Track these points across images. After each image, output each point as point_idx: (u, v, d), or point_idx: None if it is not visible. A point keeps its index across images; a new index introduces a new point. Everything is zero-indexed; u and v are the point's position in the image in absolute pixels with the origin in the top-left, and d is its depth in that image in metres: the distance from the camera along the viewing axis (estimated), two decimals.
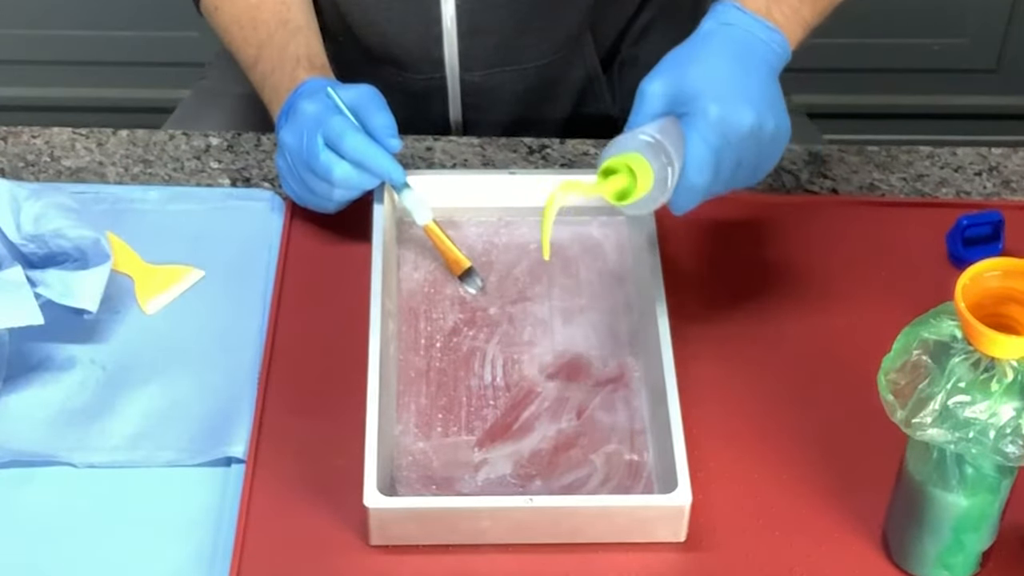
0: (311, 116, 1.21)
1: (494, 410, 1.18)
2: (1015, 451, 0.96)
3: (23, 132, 1.40)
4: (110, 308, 1.24)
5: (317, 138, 1.20)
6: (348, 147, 1.20)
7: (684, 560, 1.10)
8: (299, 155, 1.22)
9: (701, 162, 1.08)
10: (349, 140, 1.19)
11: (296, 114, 1.22)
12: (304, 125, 1.21)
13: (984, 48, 2.45)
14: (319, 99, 1.21)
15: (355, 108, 1.21)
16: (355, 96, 1.22)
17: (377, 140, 1.21)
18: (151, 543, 1.10)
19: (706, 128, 1.08)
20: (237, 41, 1.34)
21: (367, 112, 1.21)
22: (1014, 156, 1.40)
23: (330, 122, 1.20)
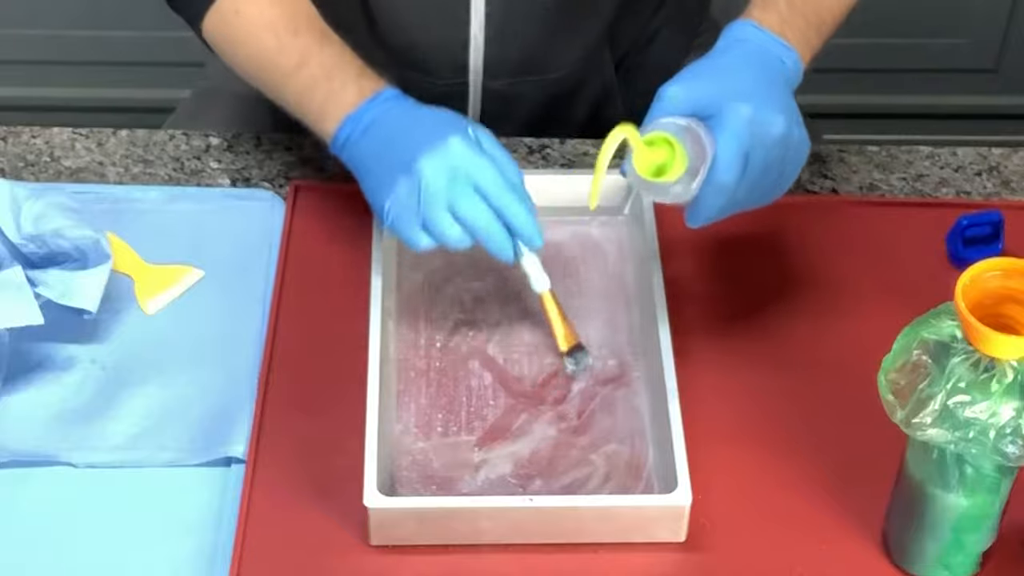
0: (464, 156, 1.12)
1: (494, 410, 1.18)
2: (1015, 451, 0.96)
3: (23, 132, 1.40)
4: (110, 308, 1.24)
5: (469, 181, 1.12)
6: (500, 200, 1.12)
7: (684, 560, 1.10)
8: (439, 193, 1.11)
9: (731, 158, 1.07)
10: (502, 192, 1.12)
11: (445, 151, 1.12)
12: (455, 163, 1.12)
13: (984, 48, 2.45)
14: (465, 136, 1.13)
15: (492, 155, 1.15)
16: (490, 139, 1.16)
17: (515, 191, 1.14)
18: (151, 543, 1.10)
19: (738, 125, 1.08)
20: (269, 49, 1.25)
21: (503, 163, 1.15)
22: (1014, 156, 1.40)
23: (485, 168, 1.12)
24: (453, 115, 1.17)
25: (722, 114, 1.08)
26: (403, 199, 1.12)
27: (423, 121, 1.16)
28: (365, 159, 1.17)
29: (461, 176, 1.12)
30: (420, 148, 1.12)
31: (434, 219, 1.12)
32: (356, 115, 1.18)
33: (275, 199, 1.34)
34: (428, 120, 1.16)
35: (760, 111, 1.09)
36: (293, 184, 1.35)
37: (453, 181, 1.11)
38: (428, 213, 1.12)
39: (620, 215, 1.31)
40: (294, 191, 1.34)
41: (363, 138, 1.17)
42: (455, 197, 1.11)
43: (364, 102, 1.18)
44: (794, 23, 1.17)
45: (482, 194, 1.12)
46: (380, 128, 1.17)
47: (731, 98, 1.09)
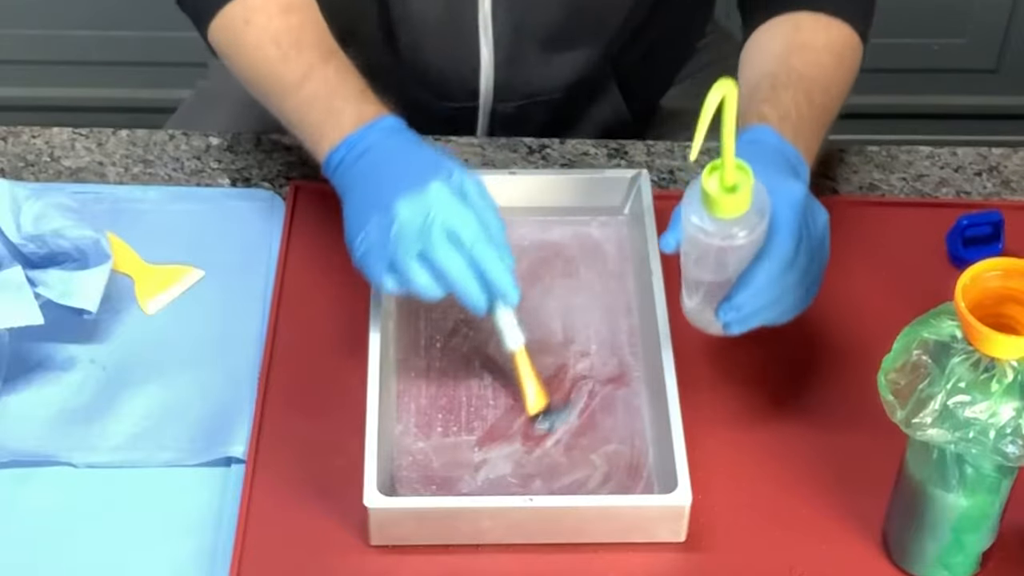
0: (442, 201, 1.09)
1: (494, 410, 1.18)
2: (1015, 451, 0.96)
3: (23, 132, 1.40)
4: (110, 308, 1.24)
5: (443, 228, 1.09)
6: (476, 250, 1.10)
7: (684, 560, 1.10)
8: (410, 235, 1.09)
9: (790, 227, 1.07)
10: (479, 242, 1.09)
11: (423, 195, 1.09)
12: (431, 208, 1.09)
13: (984, 48, 2.45)
14: (448, 183, 1.10)
15: (475, 205, 1.11)
16: (477, 188, 1.12)
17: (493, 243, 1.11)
18: (151, 543, 1.10)
19: (794, 197, 1.08)
20: (272, 58, 1.24)
21: (484, 213, 1.11)
22: (1014, 156, 1.40)
23: (463, 216, 1.09)
24: (442, 159, 1.14)
25: (776, 189, 1.07)
26: (374, 237, 1.10)
27: (411, 161, 1.14)
28: (351, 188, 1.15)
29: (437, 222, 1.09)
30: (399, 189, 1.10)
31: (401, 262, 1.09)
32: (351, 140, 1.16)
33: (275, 199, 1.34)
34: (416, 160, 1.14)
35: (809, 197, 1.10)
36: (293, 184, 1.35)
37: (427, 226, 1.09)
38: (396, 255, 1.09)
39: (620, 215, 1.31)
40: (294, 191, 1.34)
41: (354, 166, 1.15)
42: (427, 243, 1.09)
43: (361, 128, 1.16)
44: (804, 131, 1.18)
45: (457, 243, 1.09)
46: (370, 160, 1.15)
47: (784, 178, 1.09)
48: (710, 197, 1.04)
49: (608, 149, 1.40)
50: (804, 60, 1.24)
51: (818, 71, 1.23)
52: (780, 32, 1.27)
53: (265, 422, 1.17)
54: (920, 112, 2.49)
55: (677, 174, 1.38)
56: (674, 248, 1.09)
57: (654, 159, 1.39)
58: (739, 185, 1.04)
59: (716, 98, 0.99)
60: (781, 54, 1.25)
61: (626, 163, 1.39)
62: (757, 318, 1.10)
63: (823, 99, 1.22)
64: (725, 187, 1.04)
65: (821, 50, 1.25)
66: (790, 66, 1.23)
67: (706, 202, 1.04)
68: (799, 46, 1.25)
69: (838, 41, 1.27)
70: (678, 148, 1.40)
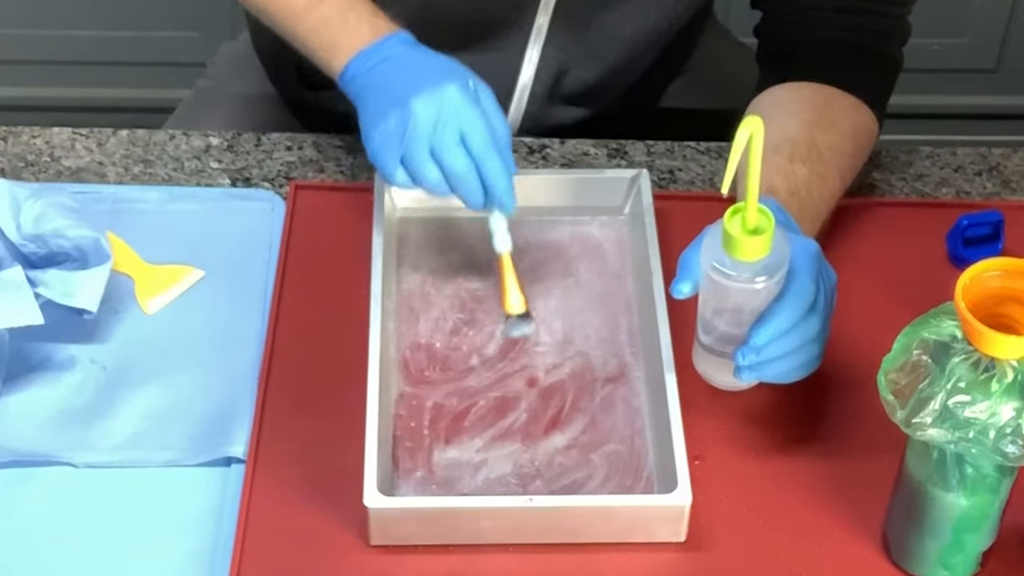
0: (456, 103, 1.14)
1: (495, 410, 1.18)
2: (1015, 451, 0.96)
3: (23, 132, 1.40)
4: (110, 308, 1.24)
5: (456, 128, 1.14)
6: (482, 152, 1.14)
7: (684, 560, 1.10)
8: (424, 133, 1.14)
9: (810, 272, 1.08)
10: (486, 145, 1.14)
11: (440, 95, 1.14)
12: (446, 108, 1.14)
13: (984, 48, 2.45)
14: (464, 87, 1.15)
15: (486, 111, 1.16)
16: (488, 96, 1.17)
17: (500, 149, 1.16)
18: (151, 543, 1.10)
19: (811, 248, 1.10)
20: None
21: (494, 120, 1.16)
22: (1014, 156, 1.40)
23: (475, 121, 1.14)
24: (458, 65, 1.18)
25: (792, 240, 1.08)
26: (390, 131, 1.15)
27: (427, 65, 1.18)
28: (367, 92, 1.18)
29: (450, 122, 1.13)
30: (416, 88, 1.14)
31: (413, 156, 1.14)
32: (368, 51, 1.19)
33: (275, 199, 1.34)
34: (432, 64, 1.18)
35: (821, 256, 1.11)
36: (293, 184, 1.35)
37: (441, 125, 1.13)
38: (409, 149, 1.14)
39: (620, 215, 1.31)
40: (294, 191, 1.34)
41: (370, 74, 1.19)
42: (438, 140, 1.13)
43: (377, 40, 1.20)
44: (809, 212, 1.19)
45: (466, 144, 1.14)
46: (386, 66, 1.18)
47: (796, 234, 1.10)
48: (732, 239, 1.04)
49: (608, 149, 1.40)
50: (828, 141, 1.24)
51: (839, 156, 1.24)
52: (810, 100, 1.28)
53: (265, 422, 1.17)
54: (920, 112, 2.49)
55: (677, 174, 1.38)
56: (687, 295, 1.10)
57: (654, 159, 1.39)
58: (761, 227, 1.04)
59: (744, 136, 1.00)
60: (807, 124, 1.24)
61: (626, 163, 1.39)
62: (773, 368, 1.09)
63: (834, 183, 1.23)
64: (747, 229, 1.04)
65: (847, 135, 1.26)
66: (812, 141, 1.23)
67: (728, 245, 1.05)
68: (828, 123, 1.25)
69: (862, 128, 1.29)
70: (678, 148, 1.40)
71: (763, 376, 1.09)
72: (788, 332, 1.08)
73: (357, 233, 1.27)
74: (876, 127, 1.31)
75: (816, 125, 1.24)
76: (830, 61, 1.30)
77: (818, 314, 1.09)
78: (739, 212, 1.05)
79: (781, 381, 1.11)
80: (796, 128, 1.24)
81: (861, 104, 1.29)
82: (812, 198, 1.19)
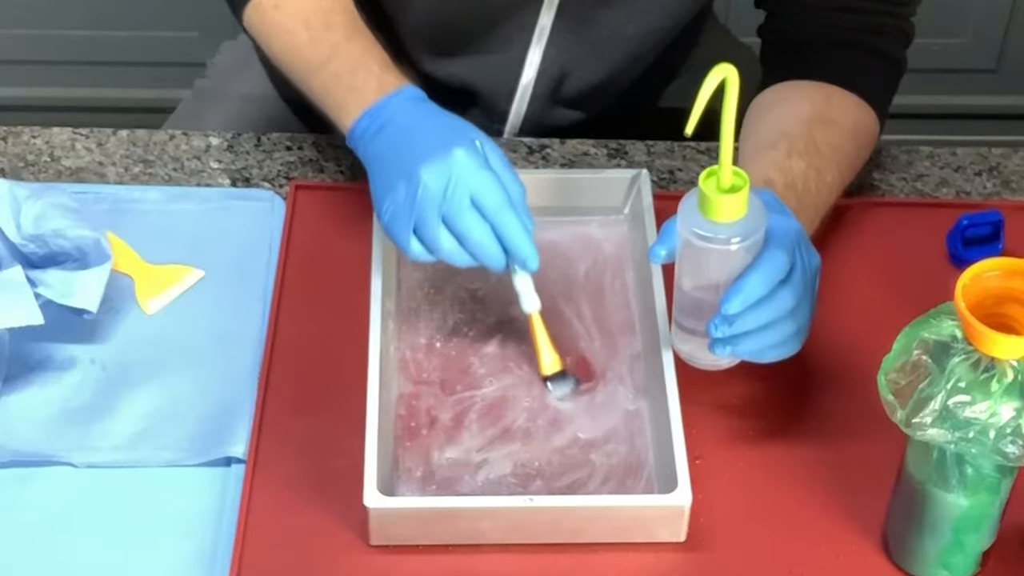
0: (465, 167, 1.11)
1: (494, 410, 1.18)
2: (1015, 451, 0.96)
3: (23, 132, 1.40)
4: (110, 308, 1.24)
5: (467, 193, 1.11)
6: (497, 215, 1.12)
7: (684, 560, 1.10)
8: (435, 200, 1.11)
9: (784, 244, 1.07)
10: (500, 207, 1.11)
11: (448, 161, 1.11)
12: (454, 173, 1.11)
13: (984, 48, 2.45)
14: (472, 149, 1.12)
15: (497, 171, 1.14)
16: (497, 155, 1.15)
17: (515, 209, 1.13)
18: (151, 543, 1.10)
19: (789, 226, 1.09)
20: (302, 40, 1.26)
21: (506, 180, 1.14)
22: (1014, 156, 1.40)
23: (486, 182, 1.11)
24: (465, 125, 1.16)
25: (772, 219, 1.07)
26: (400, 203, 1.12)
27: (434, 128, 1.16)
28: (376, 158, 1.17)
29: (460, 188, 1.11)
30: (424, 156, 1.12)
31: (426, 227, 1.12)
32: (374, 110, 1.18)
33: (275, 199, 1.34)
34: (439, 128, 1.16)
35: (803, 235, 1.11)
36: (293, 184, 1.35)
37: (451, 192, 1.11)
38: (420, 220, 1.12)
39: (620, 215, 1.31)
40: (294, 191, 1.34)
41: (377, 136, 1.17)
42: (450, 208, 1.11)
43: (383, 98, 1.19)
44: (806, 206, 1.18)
45: (480, 209, 1.11)
46: (393, 128, 1.17)
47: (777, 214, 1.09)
48: (707, 199, 1.04)
49: (608, 149, 1.40)
50: (827, 137, 1.23)
51: (838, 153, 1.24)
52: (811, 98, 1.27)
53: (265, 422, 1.17)
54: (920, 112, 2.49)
55: (677, 174, 1.38)
56: (663, 259, 1.09)
57: (654, 159, 1.39)
58: (736, 187, 1.04)
59: (715, 80, 1.00)
60: (807, 120, 1.24)
61: (626, 163, 1.39)
62: (748, 342, 1.08)
63: (833, 179, 1.22)
64: (722, 188, 1.04)
65: (847, 132, 1.25)
66: (811, 137, 1.22)
67: (703, 205, 1.04)
68: (828, 120, 1.25)
69: (862, 127, 1.28)
70: (678, 148, 1.40)
71: (738, 351, 1.09)
72: (760, 304, 1.06)
73: (357, 233, 1.27)
74: (877, 127, 1.31)
75: (816, 122, 1.24)
76: (833, 60, 1.30)
77: (793, 288, 1.07)
78: (714, 174, 1.04)
79: (759, 360, 1.10)
80: (795, 124, 1.24)
81: (863, 103, 1.29)
82: (810, 192, 1.19)
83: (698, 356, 1.14)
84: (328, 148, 1.39)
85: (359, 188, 1.33)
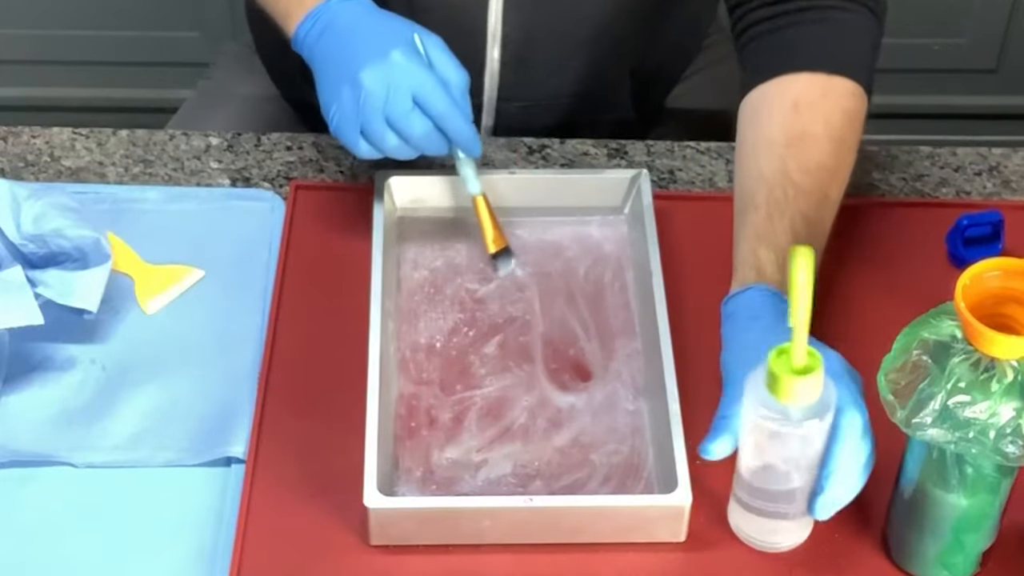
0: (403, 68, 1.16)
1: (494, 410, 1.18)
2: (1015, 451, 0.96)
3: (23, 132, 1.40)
4: (110, 308, 1.24)
5: (408, 93, 1.16)
6: (438, 110, 1.17)
7: (684, 560, 1.10)
8: (378, 104, 1.16)
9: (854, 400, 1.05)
10: (440, 103, 1.16)
11: (387, 63, 1.16)
12: (394, 76, 1.16)
13: (984, 48, 2.45)
14: (409, 49, 1.17)
15: (436, 62, 1.18)
16: (436, 47, 1.19)
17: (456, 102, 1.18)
18: (151, 543, 1.10)
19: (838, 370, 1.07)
20: None
21: (445, 68, 1.18)
22: (1014, 156, 1.40)
23: (425, 81, 1.16)
24: (402, 23, 1.20)
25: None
26: (346, 108, 1.17)
27: (372, 29, 1.20)
28: (319, 61, 1.21)
29: (401, 88, 1.15)
30: (364, 59, 1.17)
31: (371, 128, 1.16)
32: (315, 13, 1.22)
33: (275, 199, 1.34)
34: (377, 29, 1.20)
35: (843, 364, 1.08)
36: (293, 184, 1.35)
37: (392, 92, 1.15)
38: (365, 122, 1.16)
39: (620, 215, 1.31)
40: (294, 191, 1.34)
41: (319, 39, 1.21)
42: (392, 108, 1.16)
43: (322, 2, 1.22)
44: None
45: (422, 106, 1.16)
46: (333, 31, 1.21)
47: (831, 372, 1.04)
48: (779, 380, 0.98)
49: (608, 149, 1.40)
50: (802, 165, 1.20)
51: (817, 178, 1.20)
52: (778, 113, 1.23)
53: (265, 422, 1.17)
54: (920, 112, 2.49)
55: (677, 174, 1.38)
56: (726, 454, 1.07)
57: (654, 159, 1.39)
58: (810, 368, 0.99)
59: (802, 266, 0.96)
60: (780, 153, 1.21)
61: (626, 163, 1.39)
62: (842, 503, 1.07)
63: (820, 214, 1.20)
64: (795, 370, 0.99)
65: (821, 139, 1.21)
66: (788, 178, 1.19)
67: (774, 386, 0.99)
68: (798, 138, 1.21)
69: (836, 113, 1.23)
70: (678, 148, 1.40)
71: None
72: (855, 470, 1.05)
73: (357, 233, 1.27)
74: (858, 92, 1.25)
75: (789, 149, 1.20)
76: (800, 47, 1.26)
77: (869, 436, 1.05)
78: (785, 352, 0.99)
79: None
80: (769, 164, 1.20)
81: (832, 78, 1.24)
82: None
83: (759, 538, 1.10)
84: (328, 148, 1.39)
85: (359, 188, 1.33)
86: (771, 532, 1.09)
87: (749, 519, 1.09)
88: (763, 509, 1.08)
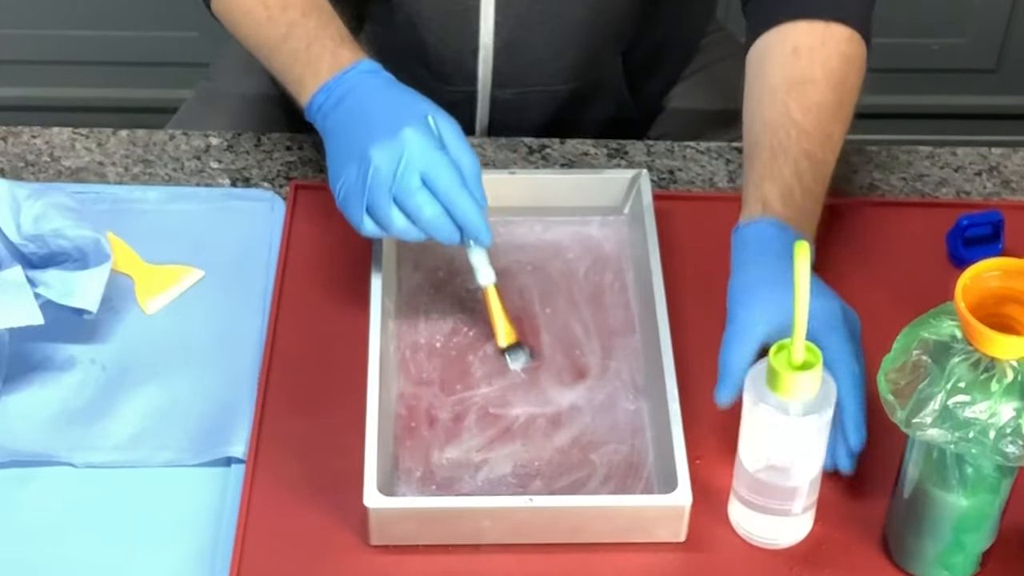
0: (414, 146, 1.12)
1: (494, 410, 1.18)
2: (1015, 451, 0.96)
3: (23, 132, 1.40)
4: (110, 308, 1.24)
5: (416, 172, 1.12)
6: (446, 191, 1.13)
7: (684, 560, 1.10)
8: (386, 181, 1.12)
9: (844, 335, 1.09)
10: (449, 184, 1.13)
11: (398, 141, 1.12)
12: (404, 153, 1.12)
13: (984, 48, 2.45)
14: (422, 128, 1.13)
15: (450, 145, 1.15)
16: (450, 130, 1.15)
17: (467, 187, 1.14)
18: (151, 543, 1.10)
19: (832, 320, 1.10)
20: (261, 20, 1.27)
21: (458, 152, 1.15)
22: (1014, 156, 1.40)
23: (437, 162, 1.12)
24: (418, 100, 1.17)
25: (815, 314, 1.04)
26: (352, 183, 1.14)
27: (386, 105, 1.17)
28: (331, 135, 1.18)
29: (410, 169, 1.12)
30: (374, 136, 1.14)
31: (377, 204, 1.13)
32: (329, 86, 1.19)
33: (275, 199, 1.34)
34: (391, 106, 1.17)
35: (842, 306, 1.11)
36: (293, 184, 1.35)
37: (401, 173, 1.12)
38: (372, 200, 1.13)
39: (620, 215, 1.31)
40: (294, 191, 1.34)
41: (333, 111, 1.18)
42: (400, 189, 1.12)
43: (338, 73, 1.19)
44: (808, 206, 1.18)
45: (431, 188, 1.12)
46: (347, 104, 1.18)
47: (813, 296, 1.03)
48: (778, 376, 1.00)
49: (608, 149, 1.40)
50: (804, 105, 1.21)
51: (819, 117, 1.22)
52: (778, 60, 1.25)
53: (265, 422, 1.17)
54: (920, 112, 2.49)
55: (677, 174, 1.38)
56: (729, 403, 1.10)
57: (654, 159, 1.39)
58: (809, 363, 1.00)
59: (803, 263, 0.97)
60: (782, 98, 1.22)
61: (626, 163, 1.39)
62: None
63: (824, 153, 1.21)
64: (794, 365, 1.00)
65: (820, 82, 1.23)
66: (790, 119, 1.21)
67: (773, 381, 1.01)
68: (798, 82, 1.23)
69: (835, 57, 1.24)
70: (678, 148, 1.40)
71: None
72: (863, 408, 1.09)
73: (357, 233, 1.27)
74: (856, 39, 1.26)
75: (790, 92, 1.22)
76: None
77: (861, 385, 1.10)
78: (785, 348, 1.00)
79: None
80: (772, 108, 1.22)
81: (830, 25, 1.25)
82: (806, 192, 1.18)
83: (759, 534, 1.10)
84: None
85: None
86: (771, 528, 1.09)
87: (749, 515, 1.09)
88: (763, 505, 1.08)
